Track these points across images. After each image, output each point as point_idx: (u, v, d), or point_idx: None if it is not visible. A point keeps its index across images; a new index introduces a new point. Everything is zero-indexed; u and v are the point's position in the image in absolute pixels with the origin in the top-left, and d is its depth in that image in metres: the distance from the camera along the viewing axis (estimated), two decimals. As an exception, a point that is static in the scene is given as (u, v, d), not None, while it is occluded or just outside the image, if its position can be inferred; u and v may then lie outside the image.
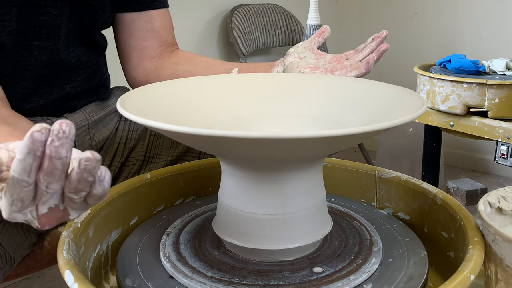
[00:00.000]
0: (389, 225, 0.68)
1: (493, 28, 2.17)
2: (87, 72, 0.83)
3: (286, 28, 2.22)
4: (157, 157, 0.88)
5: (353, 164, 0.78)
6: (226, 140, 0.47)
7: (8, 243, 0.64)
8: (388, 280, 0.55)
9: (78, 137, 0.81)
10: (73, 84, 0.81)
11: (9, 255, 0.64)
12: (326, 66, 0.73)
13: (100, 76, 0.88)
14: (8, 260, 0.64)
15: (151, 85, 0.70)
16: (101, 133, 0.87)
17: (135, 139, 0.89)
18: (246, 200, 0.57)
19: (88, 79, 0.84)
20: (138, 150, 0.88)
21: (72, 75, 0.80)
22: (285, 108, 0.70)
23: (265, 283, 0.54)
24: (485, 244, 0.54)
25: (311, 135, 0.45)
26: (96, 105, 0.87)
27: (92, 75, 0.85)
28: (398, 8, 2.45)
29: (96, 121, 0.86)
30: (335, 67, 0.72)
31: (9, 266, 0.65)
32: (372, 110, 0.63)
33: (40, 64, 0.75)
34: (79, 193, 0.40)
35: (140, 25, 0.86)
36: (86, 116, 0.84)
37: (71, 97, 0.82)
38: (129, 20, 0.86)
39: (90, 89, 0.86)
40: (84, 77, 0.83)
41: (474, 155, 2.34)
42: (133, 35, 0.87)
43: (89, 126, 0.84)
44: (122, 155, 0.88)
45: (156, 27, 0.87)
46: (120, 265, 0.59)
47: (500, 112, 1.37)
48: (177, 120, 0.61)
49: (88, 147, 0.83)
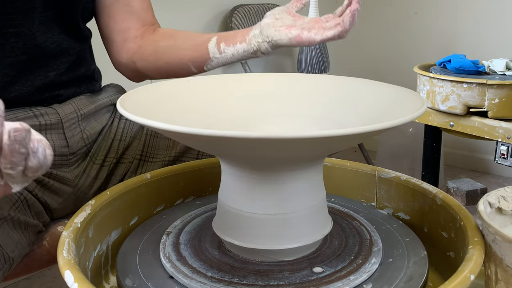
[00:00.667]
0: (389, 225, 0.68)
1: (493, 28, 2.17)
2: (70, 60, 0.83)
3: (286, 28, 2.22)
4: (154, 156, 0.88)
5: (353, 164, 0.78)
6: (226, 140, 0.47)
7: (6, 243, 0.64)
8: (388, 280, 0.55)
9: (68, 129, 0.81)
10: (56, 72, 0.81)
11: (7, 255, 0.64)
12: (304, 26, 0.69)
13: (86, 67, 0.88)
14: (6, 260, 0.64)
15: (151, 85, 0.70)
16: (93, 127, 0.86)
17: (130, 137, 0.89)
18: (246, 200, 0.57)
19: (73, 68, 0.84)
20: (133, 148, 0.88)
21: (54, 63, 0.80)
22: (285, 108, 0.70)
23: (265, 283, 0.54)
24: (485, 244, 0.54)
25: (311, 135, 0.45)
26: (86, 98, 0.87)
27: (77, 64, 0.85)
28: (398, 8, 2.45)
29: (86, 115, 0.85)
30: (313, 26, 0.69)
31: (8, 266, 0.65)
32: (372, 110, 0.63)
33: (17, 50, 0.75)
34: (15, 167, 0.40)
35: (119, 8, 0.87)
36: (75, 108, 0.83)
37: (56, 85, 0.81)
38: (108, 4, 0.87)
39: (76, 79, 0.85)
40: (67, 65, 0.82)
41: (474, 155, 2.34)
42: (114, 19, 0.88)
43: (78, 118, 0.83)
44: (117, 152, 0.88)
45: (136, 8, 0.88)
46: (120, 265, 0.59)
47: (500, 112, 1.37)
48: (177, 120, 0.61)
49: (79, 139, 0.83)
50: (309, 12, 1.93)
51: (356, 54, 2.60)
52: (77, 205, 0.82)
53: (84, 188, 0.83)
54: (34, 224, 0.72)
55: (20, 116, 0.77)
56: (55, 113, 0.80)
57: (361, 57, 2.58)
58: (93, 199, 0.65)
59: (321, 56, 1.95)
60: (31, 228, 0.71)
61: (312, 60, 1.94)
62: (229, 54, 0.75)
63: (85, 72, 0.88)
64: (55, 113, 0.80)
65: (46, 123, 0.79)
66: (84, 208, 0.63)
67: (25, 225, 0.69)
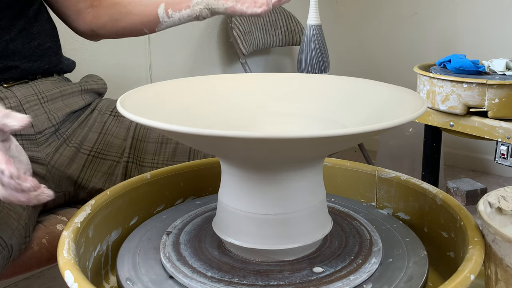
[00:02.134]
0: (389, 225, 0.68)
1: (493, 28, 2.17)
2: (21, 23, 0.82)
3: (286, 28, 2.22)
4: (143, 160, 0.88)
5: (353, 164, 0.78)
6: (226, 140, 0.47)
7: (3, 229, 0.64)
8: (388, 280, 0.55)
9: (29, 109, 0.82)
10: (9, 36, 0.81)
11: (4, 242, 0.64)
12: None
13: (45, 38, 0.88)
14: (4, 247, 0.64)
15: (151, 85, 0.70)
16: (60, 109, 0.87)
17: (111, 135, 0.89)
18: (246, 200, 0.57)
19: (27, 34, 0.84)
20: (116, 147, 0.88)
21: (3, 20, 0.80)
22: (285, 108, 0.70)
23: (265, 283, 0.54)
24: (485, 244, 0.54)
25: (311, 135, 0.45)
26: (52, 82, 0.88)
27: (31, 28, 0.84)
28: (398, 8, 2.45)
29: (50, 98, 0.86)
30: (246, 1, 0.77)
31: (6, 252, 0.64)
32: (372, 110, 0.63)
33: None
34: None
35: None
36: (36, 91, 0.84)
37: (11, 54, 0.81)
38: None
39: (34, 51, 0.85)
40: (20, 28, 0.82)
41: (474, 155, 2.34)
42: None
43: (40, 101, 0.84)
44: (96, 143, 0.88)
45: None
46: (120, 265, 0.59)
47: (500, 112, 1.37)
48: (178, 120, 0.61)
49: (45, 120, 0.84)
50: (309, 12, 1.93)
51: (356, 54, 2.60)
52: (60, 186, 0.83)
53: (60, 167, 0.84)
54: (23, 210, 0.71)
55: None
56: (14, 97, 0.81)
57: (361, 57, 2.58)
58: (93, 199, 0.65)
59: (321, 56, 1.94)
60: (25, 215, 0.70)
61: (312, 60, 1.94)
62: (176, 18, 0.84)
63: (44, 44, 0.87)
64: (14, 96, 0.81)
65: (6, 107, 0.78)
66: (84, 208, 0.63)
67: (19, 213, 0.69)
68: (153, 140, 0.90)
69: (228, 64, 2.18)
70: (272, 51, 2.39)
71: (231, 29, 2.02)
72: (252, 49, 2.10)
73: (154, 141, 0.90)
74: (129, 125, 0.91)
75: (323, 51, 1.95)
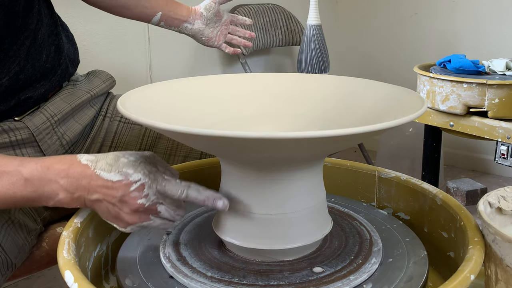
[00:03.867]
0: (389, 225, 0.68)
1: (493, 28, 2.17)
2: (27, 41, 0.73)
3: (286, 28, 2.22)
4: None
5: (353, 164, 0.78)
6: (226, 140, 0.47)
7: (10, 249, 0.63)
8: (388, 280, 0.55)
9: (42, 141, 0.78)
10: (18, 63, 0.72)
11: (10, 261, 0.63)
12: (213, 34, 1.02)
13: (49, 40, 0.79)
14: (9, 266, 0.63)
15: (151, 85, 0.70)
16: (73, 130, 0.83)
17: (124, 142, 0.87)
18: (246, 200, 0.57)
19: (35, 51, 0.75)
20: None
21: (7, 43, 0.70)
22: (285, 108, 0.70)
23: (265, 283, 0.54)
24: (485, 244, 0.54)
25: (311, 135, 0.45)
26: (62, 99, 0.82)
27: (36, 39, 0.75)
28: (397, 8, 2.45)
29: (63, 119, 0.81)
30: (219, 38, 1.03)
31: (10, 272, 0.64)
32: (372, 110, 0.63)
33: None
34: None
35: None
36: (47, 116, 0.79)
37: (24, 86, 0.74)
38: None
39: (44, 68, 0.77)
40: (27, 46, 0.73)
41: (474, 155, 2.34)
42: None
43: (53, 126, 0.80)
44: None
45: None
46: (120, 265, 0.59)
47: (500, 112, 1.37)
48: (178, 120, 0.61)
49: (58, 147, 0.80)
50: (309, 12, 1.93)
51: (356, 54, 2.60)
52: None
53: None
54: (35, 227, 0.71)
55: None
56: (25, 127, 0.76)
57: (361, 57, 2.58)
58: (93, 199, 0.65)
59: (321, 56, 1.94)
60: (32, 231, 0.70)
61: (312, 60, 1.94)
62: (164, 27, 0.98)
63: (46, 60, 0.78)
64: (25, 127, 0.76)
65: (17, 139, 0.75)
66: (84, 208, 0.63)
67: (27, 228, 0.68)
68: (161, 150, 0.89)
69: (228, 64, 2.18)
70: (272, 51, 2.39)
71: (231, 29, 2.01)
72: (252, 49, 2.10)
73: (162, 151, 0.89)
74: (139, 133, 0.89)
75: (323, 51, 1.95)
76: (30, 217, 0.71)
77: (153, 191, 0.55)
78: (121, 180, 0.54)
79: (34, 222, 0.71)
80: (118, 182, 0.54)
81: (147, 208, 0.55)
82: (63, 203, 0.56)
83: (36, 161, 0.56)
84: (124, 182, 0.54)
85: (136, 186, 0.54)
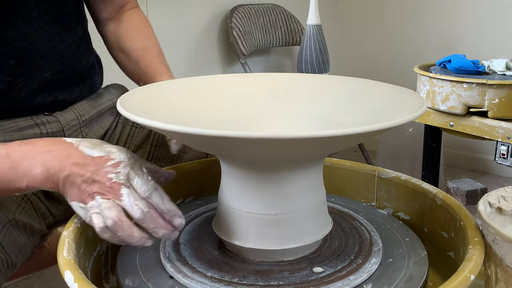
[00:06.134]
0: (389, 225, 0.68)
1: (493, 28, 2.17)
2: (64, 55, 0.79)
3: (286, 28, 2.22)
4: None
5: (353, 164, 0.78)
6: (226, 140, 0.47)
7: (11, 248, 0.63)
8: (388, 280, 0.55)
9: (70, 137, 0.80)
10: (51, 71, 0.77)
11: (10, 260, 0.63)
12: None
13: (84, 60, 0.85)
14: (9, 265, 0.63)
15: (151, 85, 0.70)
16: (96, 132, 0.86)
17: (135, 145, 0.88)
18: (246, 200, 0.57)
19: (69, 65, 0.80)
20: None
21: (47, 60, 0.77)
22: (285, 108, 0.70)
23: (265, 283, 0.54)
24: (485, 244, 0.54)
25: (311, 135, 0.45)
26: (88, 102, 0.86)
27: (73, 59, 0.81)
28: (398, 8, 2.45)
29: (88, 120, 0.85)
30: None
31: (10, 271, 0.64)
32: (372, 110, 0.63)
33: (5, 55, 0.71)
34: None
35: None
36: (77, 114, 0.83)
37: (54, 86, 0.78)
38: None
39: (75, 76, 0.82)
40: (62, 62, 0.79)
41: (474, 155, 2.34)
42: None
43: (80, 125, 0.83)
44: None
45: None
46: (120, 265, 0.59)
47: (500, 112, 1.37)
48: (178, 120, 0.61)
49: None
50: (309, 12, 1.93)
51: (356, 54, 2.60)
52: None
53: None
54: (39, 228, 0.71)
55: (21, 125, 0.75)
56: (56, 121, 0.79)
57: (361, 57, 2.58)
58: (93, 199, 0.65)
59: (321, 56, 1.94)
60: (36, 233, 0.70)
61: (312, 60, 1.94)
62: None
63: (85, 67, 0.85)
64: (57, 121, 0.79)
65: (47, 132, 0.77)
66: (84, 208, 0.63)
67: (31, 229, 0.68)
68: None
69: (228, 64, 2.18)
70: (272, 51, 2.39)
71: (231, 29, 2.01)
72: (252, 49, 2.10)
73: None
74: (149, 132, 0.90)
75: (323, 51, 1.95)
76: (36, 220, 0.71)
77: (125, 172, 0.54)
78: (101, 156, 0.54)
79: (39, 224, 0.72)
80: (99, 158, 0.54)
81: (112, 184, 0.53)
82: (36, 181, 0.55)
83: (23, 141, 0.57)
84: (105, 158, 0.54)
85: (113, 162, 0.54)
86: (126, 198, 0.53)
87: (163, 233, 0.54)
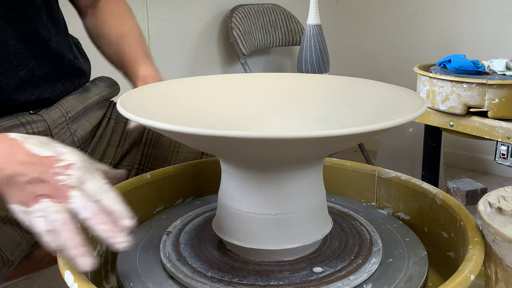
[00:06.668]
0: (389, 225, 0.68)
1: (493, 28, 2.17)
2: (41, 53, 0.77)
3: (286, 28, 2.22)
4: (153, 168, 0.87)
5: (353, 164, 0.78)
6: (226, 140, 0.47)
7: (6, 245, 0.63)
8: (388, 280, 0.55)
9: (57, 135, 0.79)
10: (26, 69, 0.75)
11: (6, 258, 0.63)
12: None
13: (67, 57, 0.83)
14: (5, 262, 0.63)
15: (151, 85, 0.70)
16: (84, 128, 0.84)
17: (129, 144, 0.88)
18: (246, 200, 0.57)
19: (48, 61, 0.79)
20: (131, 157, 0.87)
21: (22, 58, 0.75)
22: (285, 108, 0.70)
23: (265, 283, 0.54)
24: (485, 244, 0.54)
25: (311, 135, 0.45)
26: (75, 98, 0.84)
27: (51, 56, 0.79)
28: (397, 8, 2.45)
29: (75, 116, 0.83)
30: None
31: (6, 268, 0.64)
32: (372, 110, 0.63)
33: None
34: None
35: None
36: (63, 112, 0.81)
37: (36, 83, 0.77)
38: None
39: (58, 74, 0.81)
40: (40, 59, 0.77)
41: (474, 155, 2.34)
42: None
43: (67, 122, 0.81)
44: (114, 158, 0.86)
45: None
46: (120, 265, 0.59)
47: (500, 112, 1.37)
48: (177, 120, 0.61)
49: (70, 143, 0.81)
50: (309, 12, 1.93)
51: (356, 54, 2.60)
52: None
53: None
54: None
55: (6, 125, 0.74)
56: (42, 120, 0.78)
57: (361, 57, 2.59)
58: (93, 199, 0.65)
59: (321, 56, 1.95)
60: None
61: (312, 60, 1.94)
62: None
63: (63, 62, 0.82)
64: (42, 120, 0.78)
65: (33, 132, 0.76)
66: (84, 208, 0.63)
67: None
68: (164, 147, 0.89)
69: (228, 64, 2.18)
70: (272, 51, 2.39)
71: (231, 29, 2.02)
72: (252, 49, 2.10)
73: (165, 148, 0.89)
74: (143, 130, 0.89)
75: (323, 51, 1.95)
76: None
77: (78, 174, 0.49)
78: (51, 156, 0.49)
79: None
80: (47, 158, 0.49)
81: (61, 186, 0.48)
82: None
83: None
84: (54, 158, 0.49)
85: (63, 164, 0.49)
86: (77, 201, 0.49)
87: (108, 232, 0.50)
